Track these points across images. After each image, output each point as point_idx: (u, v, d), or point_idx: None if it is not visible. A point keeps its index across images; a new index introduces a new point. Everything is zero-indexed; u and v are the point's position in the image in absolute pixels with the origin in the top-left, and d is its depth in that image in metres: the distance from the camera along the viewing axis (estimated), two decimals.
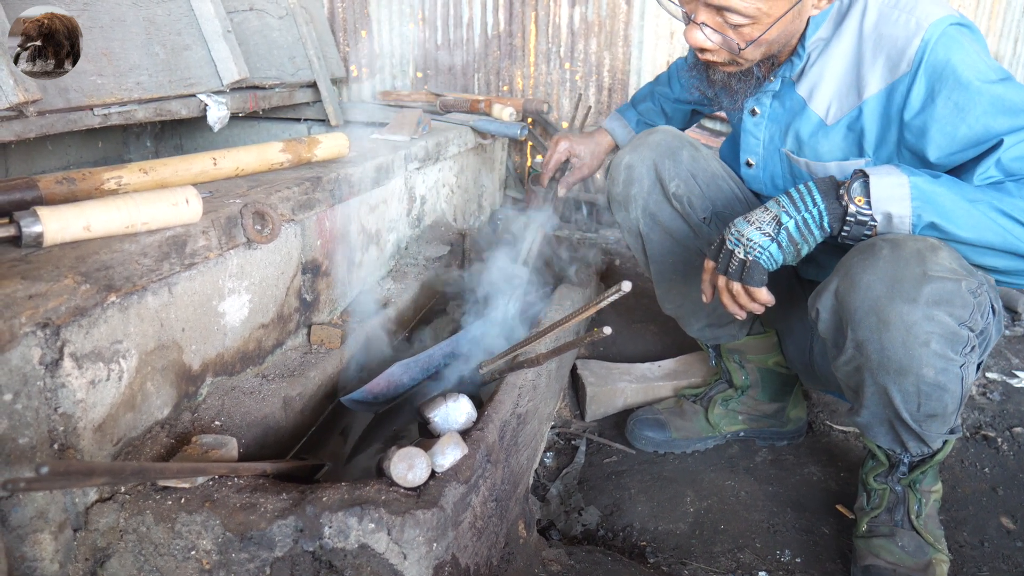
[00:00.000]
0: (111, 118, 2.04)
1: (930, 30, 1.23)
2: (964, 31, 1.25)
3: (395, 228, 2.14)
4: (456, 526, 1.09)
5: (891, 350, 1.19)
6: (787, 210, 1.27)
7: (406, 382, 1.69)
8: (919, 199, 1.19)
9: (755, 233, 1.27)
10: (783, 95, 1.46)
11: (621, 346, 2.20)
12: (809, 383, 1.77)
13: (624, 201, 1.63)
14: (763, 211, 1.29)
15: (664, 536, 1.52)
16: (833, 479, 1.70)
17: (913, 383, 1.21)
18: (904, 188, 1.20)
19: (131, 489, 1.09)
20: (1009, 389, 2.07)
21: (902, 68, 1.27)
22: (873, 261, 1.19)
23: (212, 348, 1.35)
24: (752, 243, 1.27)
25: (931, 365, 1.19)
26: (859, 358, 1.25)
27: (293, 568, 1.03)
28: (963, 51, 1.22)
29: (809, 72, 1.40)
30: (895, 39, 1.27)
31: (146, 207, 1.17)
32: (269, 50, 2.75)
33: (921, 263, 1.16)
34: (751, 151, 1.56)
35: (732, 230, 1.31)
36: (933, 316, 1.15)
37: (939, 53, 1.23)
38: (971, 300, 1.16)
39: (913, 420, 1.27)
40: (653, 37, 3.22)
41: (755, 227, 1.28)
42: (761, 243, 1.27)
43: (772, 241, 1.27)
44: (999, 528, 1.55)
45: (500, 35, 3.34)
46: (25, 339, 0.94)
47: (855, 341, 1.24)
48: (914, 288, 1.15)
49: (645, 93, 2.03)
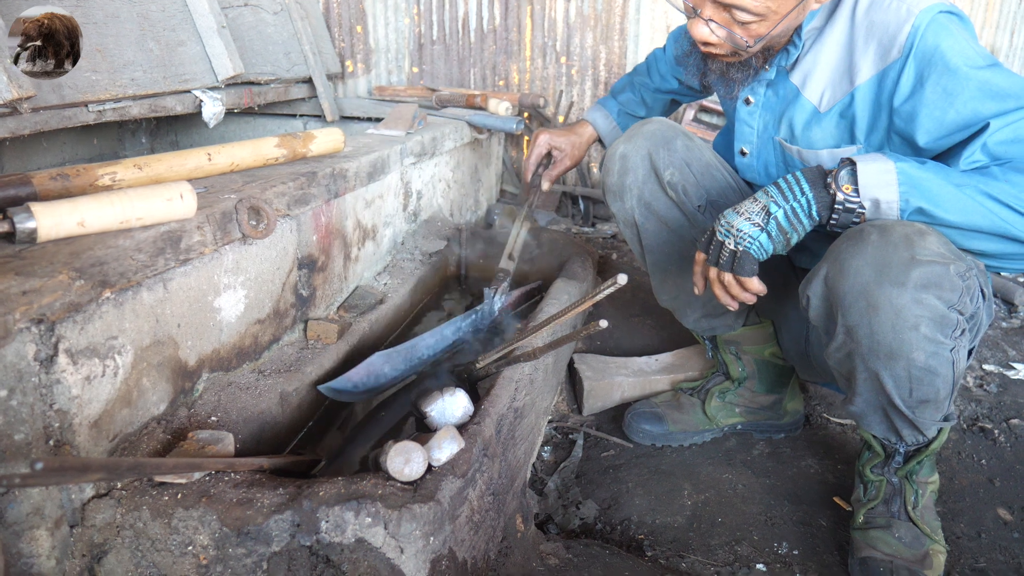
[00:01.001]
0: (106, 114, 2.04)
1: (920, 17, 1.25)
2: (953, 18, 1.26)
3: (391, 223, 2.14)
4: (453, 520, 1.10)
5: (881, 334, 1.20)
6: (775, 200, 1.27)
7: (388, 372, 1.67)
8: (906, 184, 1.20)
9: (745, 223, 1.28)
10: (777, 84, 1.46)
11: (618, 340, 2.20)
12: (805, 374, 1.77)
13: (619, 191, 1.63)
14: (752, 202, 1.30)
15: (662, 529, 1.52)
16: (830, 471, 1.70)
17: (904, 367, 1.22)
18: (891, 174, 1.20)
19: (127, 485, 1.09)
20: (1006, 381, 2.08)
21: (893, 54, 1.28)
22: (862, 247, 1.20)
23: (208, 344, 1.35)
24: (742, 233, 1.28)
25: (921, 349, 1.19)
26: (850, 344, 1.25)
27: (290, 563, 1.03)
28: (952, 38, 1.24)
29: (803, 60, 1.41)
30: (886, 25, 1.29)
31: (140, 203, 1.16)
32: (264, 46, 2.74)
33: (909, 247, 1.16)
34: (745, 140, 1.57)
35: (722, 221, 1.32)
36: (922, 300, 1.16)
37: (928, 39, 1.24)
38: (960, 283, 1.17)
39: (906, 406, 1.27)
40: (649, 31, 3.21)
41: (744, 217, 1.29)
42: (751, 233, 1.28)
43: (762, 231, 1.28)
44: (996, 519, 1.55)
45: (496, 30, 3.33)
46: (20, 335, 0.94)
47: (845, 327, 1.24)
48: (902, 272, 1.16)
49: (624, 83, 2.06)
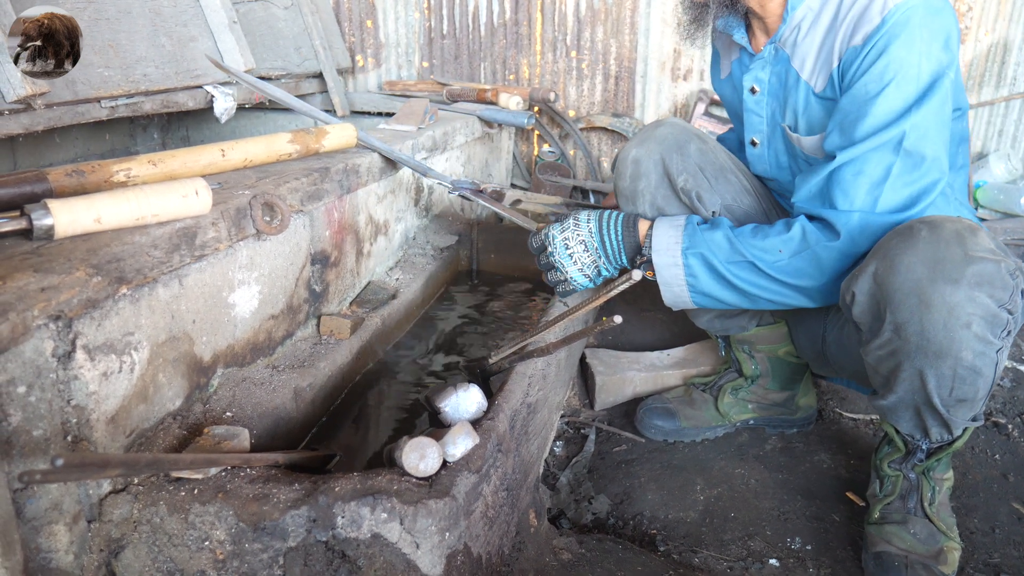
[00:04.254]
0: (118, 110, 2.04)
1: (892, 11, 1.26)
2: (929, 13, 1.26)
3: (403, 218, 2.14)
4: (468, 515, 1.10)
5: (932, 332, 1.18)
6: (605, 264, 1.52)
7: None
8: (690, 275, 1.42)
9: (577, 274, 1.53)
10: (780, 70, 1.46)
11: (630, 335, 2.19)
12: (820, 369, 1.76)
13: (631, 196, 1.62)
14: (584, 252, 1.50)
15: (674, 524, 1.52)
16: (843, 466, 1.70)
17: (951, 366, 1.20)
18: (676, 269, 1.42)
19: (144, 480, 1.09)
20: (1020, 375, 2.07)
21: (857, 40, 1.30)
22: (912, 242, 1.18)
23: (223, 339, 1.35)
24: (574, 280, 1.53)
25: (970, 348, 1.17)
26: (896, 341, 1.23)
27: (306, 558, 1.04)
28: (909, 43, 1.25)
29: (801, 44, 1.42)
30: (865, 8, 1.30)
31: (156, 199, 1.17)
32: (275, 41, 2.74)
33: (961, 244, 1.15)
34: (755, 130, 1.56)
35: (556, 258, 1.52)
36: (975, 297, 1.14)
37: (888, 38, 1.26)
38: (1011, 282, 1.16)
39: (943, 405, 1.25)
40: (660, 24, 3.20)
41: (577, 268, 1.52)
42: (581, 282, 1.54)
43: (590, 281, 1.55)
44: (1010, 514, 1.54)
45: (506, 24, 3.32)
46: (38, 332, 0.95)
47: (894, 323, 1.22)
48: (957, 269, 1.14)
49: None
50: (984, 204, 2.91)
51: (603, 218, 1.51)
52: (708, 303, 1.45)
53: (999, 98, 3.15)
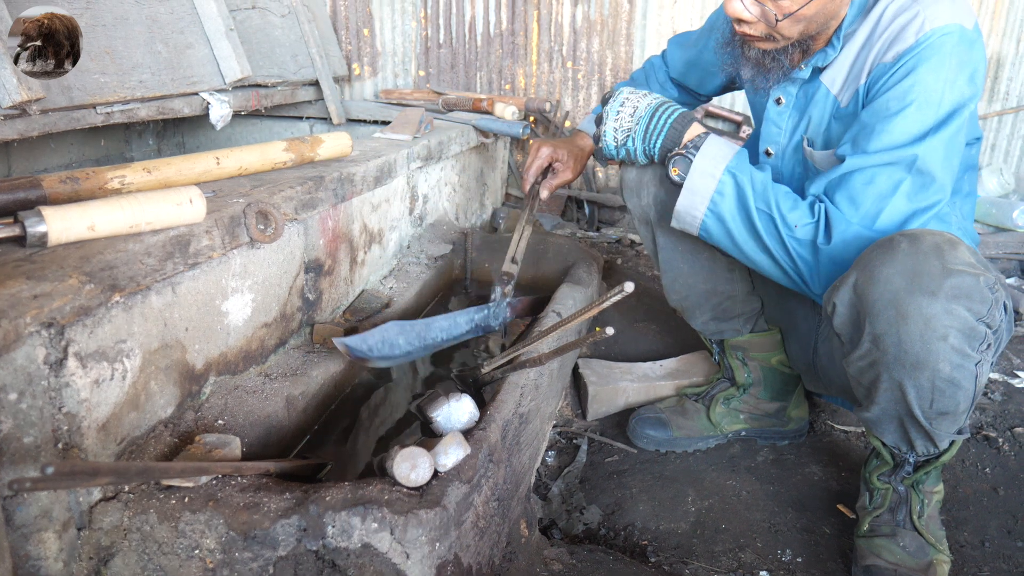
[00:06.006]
0: (114, 116, 2.04)
1: (928, 35, 1.28)
2: (962, 43, 1.28)
3: (397, 227, 2.15)
4: (459, 526, 1.10)
5: (908, 343, 1.19)
6: (634, 139, 1.50)
7: (401, 344, 1.64)
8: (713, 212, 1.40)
9: (610, 132, 1.52)
10: (809, 86, 1.48)
11: (623, 345, 2.20)
12: (811, 385, 1.77)
13: (636, 187, 1.64)
14: (629, 117, 1.50)
15: (665, 535, 1.52)
16: (834, 479, 1.70)
17: (928, 378, 1.21)
18: (712, 185, 1.38)
19: (135, 488, 1.09)
20: (1010, 389, 2.08)
21: (888, 57, 1.32)
22: (892, 254, 1.20)
23: (215, 347, 1.35)
24: (605, 135, 1.53)
25: (948, 360, 1.18)
26: (875, 352, 1.25)
27: (296, 567, 1.04)
28: (937, 69, 1.28)
29: (835, 63, 1.43)
30: (902, 28, 1.32)
31: (150, 207, 1.17)
32: (271, 48, 2.75)
33: (940, 257, 1.16)
34: (772, 141, 1.57)
35: (607, 106, 1.53)
36: (952, 310, 1.15)
37: (918, 60, 1.29)
38: (989, 296, 1.16)
39: (924, 417, 1.26)
40: (656, 36, 3.22)
41: (614, 126, 1.51)
42: (608, 141, 1.53)
43: (614, 148, 1.54)
44: (1000, 528, 1.55)
45: (502, 34, 3.34)
46: (30, 339, 0.95)
47: (872, 335, 1.23)
48: (934, 281, 1.15)
49: None
50: (977, 218, 2.93)
51: (665, 103, 1.49)
52: (712, 233, 1.42)
53: (992, 112, 3.17)
